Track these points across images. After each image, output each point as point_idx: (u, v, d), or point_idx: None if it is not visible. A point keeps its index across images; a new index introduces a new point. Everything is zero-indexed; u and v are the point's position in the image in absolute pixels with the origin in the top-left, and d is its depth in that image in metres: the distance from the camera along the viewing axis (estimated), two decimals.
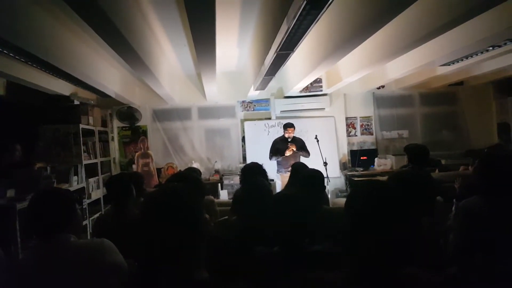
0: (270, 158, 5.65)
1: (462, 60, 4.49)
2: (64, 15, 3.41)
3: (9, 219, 3.29)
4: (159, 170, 6.66)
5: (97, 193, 5.63)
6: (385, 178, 2.22)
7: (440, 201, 2.37)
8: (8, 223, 3.28)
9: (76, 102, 5.52)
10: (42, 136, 5.02)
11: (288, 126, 5.66)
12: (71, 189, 4.65)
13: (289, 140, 5.60)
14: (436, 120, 7.32)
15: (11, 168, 4.08)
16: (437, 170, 4.58)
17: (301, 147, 5.63)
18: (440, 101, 7.29)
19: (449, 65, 4.84)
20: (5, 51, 3.05)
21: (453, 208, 2.45)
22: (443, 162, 5.85)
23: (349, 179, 6.74)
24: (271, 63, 4.05)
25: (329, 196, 5.31)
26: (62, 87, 5.13)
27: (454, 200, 2.52)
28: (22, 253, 3.26)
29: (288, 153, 5.51)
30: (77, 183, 4.95)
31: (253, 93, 6.50)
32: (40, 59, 3.29)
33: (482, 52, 4.14)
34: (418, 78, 6.10)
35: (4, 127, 4.85)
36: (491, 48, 3.91)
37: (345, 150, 7.18)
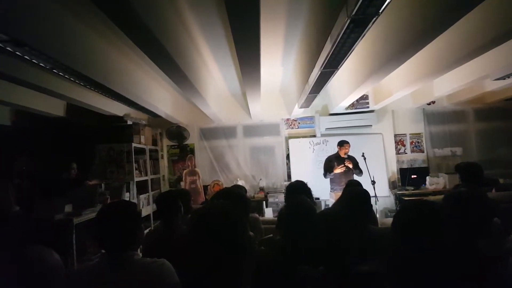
0: (325, 175, 5.50)
1: None
2: (119, 42, 3.66)
3: (67, 233, 3.49)
4: (205, 187, 6.79)
5: (147, 209, 5.82)
6: (437, 197, 2.13)
7: (498, 223, 2.23)
8: (66, 237, 3.48)
9: (129, 122, 5.81)
10: (98, 154, 5.31)
11: (344, 143, 5.46)
12: None
13: (346, 157, 5.42)
14: (492, 136, 6.91)
15: (68, 185, 4.37)
16: (493, 190, 4.31)
17: (356, 165, 5.46)
18: (496, 117, 6.89)
19: (504, 79, 4.58)
20: (66, 76, 3.30)
21: None
22: (501, 181, 5.47)
23: (399, 199, 6.45)
24: (315, 81, 4.04)
25: (377, 215, 5.12)
26: (116, 108, 5.46)
27: None
28: (76, 266, 3.44)
29: (338, 170, 5.36)
30: (129, 200, 5.14)
31: (298, 111, 6.51)
32: (97, 82, 3.53)
33: None
34: (471, 93, 5.85)
35: (63, 146, 5.23)
36: None
37: (394, 168, 6.94)
